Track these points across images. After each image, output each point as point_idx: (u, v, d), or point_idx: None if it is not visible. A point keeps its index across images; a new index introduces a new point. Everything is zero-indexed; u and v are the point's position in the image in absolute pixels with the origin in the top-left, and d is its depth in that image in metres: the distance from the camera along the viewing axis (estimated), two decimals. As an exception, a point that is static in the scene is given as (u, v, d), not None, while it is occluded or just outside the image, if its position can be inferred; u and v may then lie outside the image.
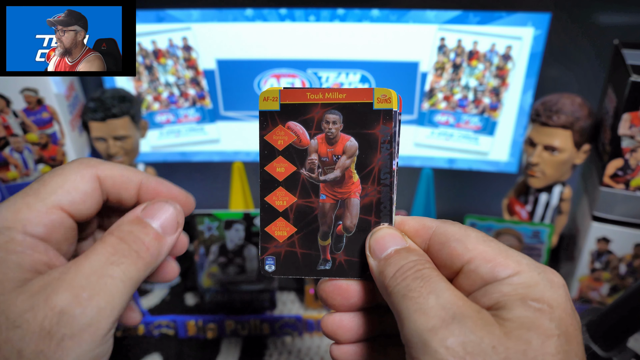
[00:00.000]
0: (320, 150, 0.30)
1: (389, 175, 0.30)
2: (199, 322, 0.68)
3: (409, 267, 0.26)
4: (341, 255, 0.31)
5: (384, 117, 0.29)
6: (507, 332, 0.23)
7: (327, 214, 0.31)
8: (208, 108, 0.75)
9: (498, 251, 0.26)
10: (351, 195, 0.30)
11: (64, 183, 0.26)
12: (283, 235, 0.31)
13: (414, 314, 0.24)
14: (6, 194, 0.66)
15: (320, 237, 0.31)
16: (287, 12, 0.67)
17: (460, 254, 0.26)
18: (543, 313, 0.24)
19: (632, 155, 0.60)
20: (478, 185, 0.88)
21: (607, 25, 0.72)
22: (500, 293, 0.25)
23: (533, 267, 0.25)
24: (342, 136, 0.30)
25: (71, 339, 0.22)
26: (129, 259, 0.25)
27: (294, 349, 0.68)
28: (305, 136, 0.30)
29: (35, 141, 0.64)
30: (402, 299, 0.25)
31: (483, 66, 0.68)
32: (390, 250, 0.28)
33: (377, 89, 0.29)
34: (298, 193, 0.31)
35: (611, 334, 0.48)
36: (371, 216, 0.30)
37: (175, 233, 0.29)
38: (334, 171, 0.30)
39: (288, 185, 0.31)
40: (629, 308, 0.46)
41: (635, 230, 0.64)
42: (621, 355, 0.48)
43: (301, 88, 0.30)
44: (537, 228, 0.67)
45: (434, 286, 0.25)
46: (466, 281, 0.26)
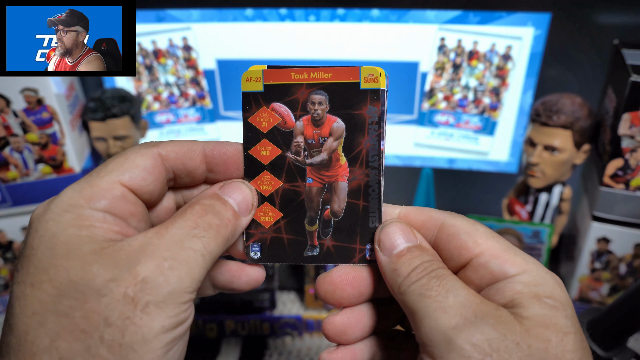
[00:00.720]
0: (306, 133, 0.29)
1: (377, 158, 0.29)
2: (199, 322, 0.68)
3: (424, 267, 0.26)
4: (329, 241, 0.30)
5: (372, 97, 0.29)
6: (527, 329, 0.23)
7: (314, 199, 0.30)
8: (208, 108, 0.75)
9: (506, 248, 0.26)
10: (339, 178, 0.30)
11: (124, 162, 0.26)
12: (269, 221, 0.30)
13: (434, 312, 0.24)
14: (6, 194, 0.66)
15: (307, 222, 0.30)
16: (287, 12, 0.67)
17: (469, 247, 0.26)
18: (558, 310, 0.24)
19: (632, 155, 0.60)
20: (478, 185, 0.88)
21: (607, 25, 0.72)
22: (514, 291, 0.25)
23: (539, 267, 0.26)
24: (329, 117, 0.29)
25: (155, 305, 0.23)
26: (210, 232, 0.26)
27: (294, 349, 0.68)
28: (290, 118, 0.29)
29: (35, 141, 0.64)
30: (419, 298, 0.25)
31: (483, 66, 0.68)
32: (402, 248, 0.27)
33: (364, 68, 0.28)
34: (284, 177, 0.30)
35: (611, 334, 0.48)
36: (359, 200, 0.29)
37: (249, 215, 0.29)
38: (320, 154, 0.30)
39: (273, 169, 0.30)
40: (629, 308, 0.46)
41: (635, 230, 0.64)
42: (621, 355, 0.48)
43: (285, 67, 0.29)
44: (537, 228, 0.67)
45: (451, 285, 0.25)
46: (474, 275, 0.26)
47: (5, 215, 0.68)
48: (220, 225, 0.26)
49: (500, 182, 0.81)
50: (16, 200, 0.67)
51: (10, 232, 0.69)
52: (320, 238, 0.30)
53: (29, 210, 0.68)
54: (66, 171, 0.67)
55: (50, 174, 0.67)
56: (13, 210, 0.68)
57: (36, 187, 0.67)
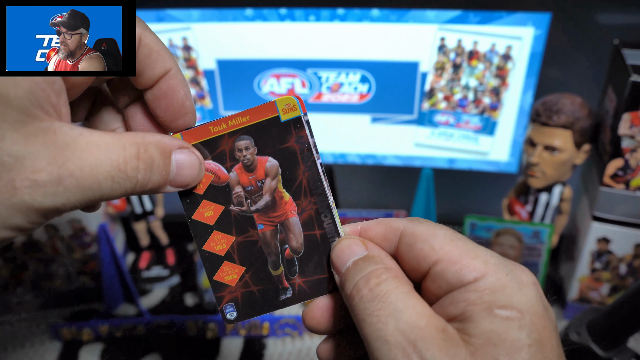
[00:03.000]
0: (242, 181, 0.29)
1: (319, 183, 0.29)
2: (199, 322, 0.68)
3: (364, 282, 0.25)
4: (298, 279, 0.30)
5: (295, 127, 0.28)
6: (474, 351, 0.22)
7: (271, 242, 0.29)
8: (208, 108, 0.75)
9: (465, 251, 0.25)
10: (288, 215, 0.29)
11: None
12: (234, 279, 0.30)
13: (375, 341, 0.23)
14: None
15: (271, 267, 0.30)
16: (287, 12, 0.67)
17: (426, 255, 0.25)
18: (512, 321, 0.22)
19: (632, 155, 0.60)
20: (478, 185, 0.88)
21: (607, 25, 0.72)
22: (467, 301, 0.23)
23: (501, 267, 0.24)
24: (260, 159, 0.29)
25: None
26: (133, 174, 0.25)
27: (294, 349, 0.68)
28: (222, 171, 0.29)
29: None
30: (362, 324, 0.24)
31: (483, 66, 0.68)
32: (349, 264, 0.27)
33: (279, 100, 0.28)
34: (234, 231, 0.29)
35: (611, 334, 0.48)
36: (315, 230, 0.29)
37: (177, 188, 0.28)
38: (263, 197, 0.29)
39: (222, 226, 0.29)
40: (629, 308, 0.46)
41: (635, 230, 0.64)
42: (621, 355, 0.48)
43: (202, 124, 0.28)
44: (537, 228, 0.67)
45: (393, 307, 0.23)
46: (432, 284, 0.25)
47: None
48: (139, 184, 0.25)
49: (500, 182, 0.81)
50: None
51: (10, 232, 0.69)
52: (289, 279, 0.30)
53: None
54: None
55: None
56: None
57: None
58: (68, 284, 0.75)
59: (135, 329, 0.69)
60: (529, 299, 0.23)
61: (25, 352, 0.70)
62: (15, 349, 0.70)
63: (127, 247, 0.86)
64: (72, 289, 0.76)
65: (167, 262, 0.82)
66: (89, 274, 0.75)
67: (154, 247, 0.83)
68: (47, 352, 0.69)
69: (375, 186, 0.92)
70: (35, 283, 0.74)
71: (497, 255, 0.25)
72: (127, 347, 0.69)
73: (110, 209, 0.77)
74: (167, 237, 0.83)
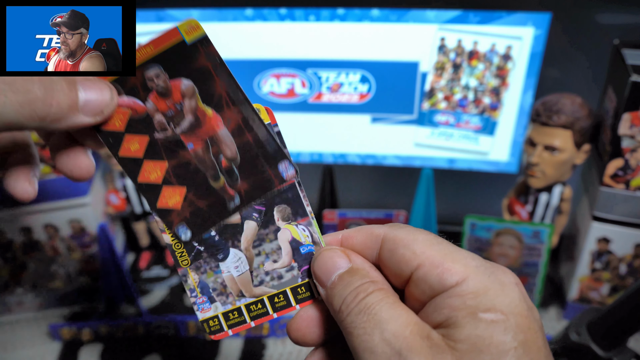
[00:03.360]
0: (161, 108, 0.29)
1: (238, 92, 0.29)
2: (199, 322, 0.68)
3: (352, 297, 0.25)
4: (243, 184, 0.30)
5: (202, 45, 0.28)
6: (460, 356, 0.22)
7: (205, 158, 0.29)
8: (208, 108, 0.75)
9: (446, 254, 0.25)
10: (215, 128, 0.29)
11: None
12: (178, 201, 0.30)
13: (363, 353, 0.23)
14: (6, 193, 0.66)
15: (213, 180, 0.30)
16: (287, 12, 0.67)
17: (408, 260, 0.25)
18: (496, 325, 0.22)
19: (632, 155, 0.60)
20: (478, 185, 0.88)
21: (607, 25, 0.72)
22: (450, 307, 0.23)
23: (482, 270, 0.24)
24: (173, 83, 0.28)
25: None
26: (18, 97, 0.23)
27: (294, 349, 0.68)
28: (137, 104, 0.29)
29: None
30: (350, 337, 0.24)
31: (483, 66, 0.68)
32: (334, 277, 0.27)
33: (180, 25, 0.28)
34: (165, 156, 0.29)
35: (611, 334, 0.48)
36: (245, 135, 0.29)
37: (93, 118, 0.27)
38: (185, 118, 0.29)
39: (151, 155, 0.29)
40: (629, 308, 0.46)
41: (635, 230, 0.64)
42: (621, 355, 0.48)
43: None
44: (537, 228, 0.67)
45: (379, 318, 0.24)
46: (416, 290, 0.25)
47: (5, 215, 0.68)
48: (39, 101, 0.24)
49: (500, 182, 0.81)
50: (16, 201, 0.67)
51: (10, 232, 0.69)
52: (234, 187, 0.30)
53: (28, 211, 0.68)
54: (66, 171, 0.67)
55: (50, 174, 0.67)
56: (13, 211, 0.68)
57: (36, 187, 0.67)
58: (68, 284, 0.75)
59: (135, 329, 0.69)
60: (512, 300, 0.23)
61: (25, 352, 0.70)
62: (15, 349, 0.70)
63: (127, 247, 0.86)
64: (72, 289, 0.76)
65: (167, 262, 0.82)
66: (89, 274, 0.75)
67: (154, 247, 0.83)
68: (46, 352, 0.69)
69: (375, 186, 0.92)
70: (35, 283, 0.74)
71: (478, 257, 0.25)
72: (127, 347, 0.69)
73: (110, 209, 0.77)
74: (167, 237, 0.83)
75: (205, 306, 0.31)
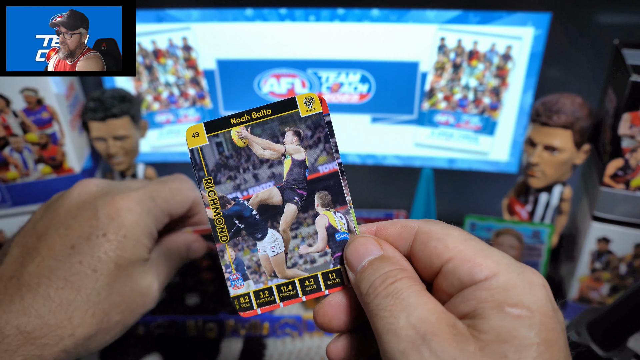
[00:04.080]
0: None
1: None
2: (199, 322, 0.68)
3: (380, 281, 0.25)
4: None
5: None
6: (483, 346, 0.22)
7: None
8: (208, 108, 0.75)
9: (478, 250, 0.25)
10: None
11: None
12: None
13: (386, 334, 0.24)
14: (6, 194, 0.66)
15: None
16: (287, 12, 0.67)
17: (439, 253, 0.26)
18: (522, 320, 0.23)
19: (633, 155, 0.60)
20: (478, 185, 0.88)
21: (607, 25, 0.72)
22: (478, 299, 0.24)
23: (512, 268, 0.24)
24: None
25: None
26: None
27: (294, 349, 0.68)
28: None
29: (35, 141, 0.64)
30: (375, 319, 0.25)
31: (483, 66, 0.68)
32: (364, 262, 0.27)
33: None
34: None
35: (611, 334, 0.48)
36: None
37: None
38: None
39: None
40: (629, 308, 0.46)
41: (635, 230, 0.64)
42: (621, 355, 0.48)
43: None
44: (537, 228, 0.67)
45: (406, 303, 0.24)
46: (445, 282, 0.26)
47: (5, 215, 0.68)
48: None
49: (500, 182, 0.81)
50: (16, 200, 0.67)
51: (10, 232, 0.69)
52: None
53: (28, 211, 0.68)
54: (66, 171, 0.67)
55: (50, 174, 0.67)
56: (13, 210, 0.68)
57: (36, 187, 0.67)
58: (68, 284, 0.75)
59: (136, 329, 0.69)
60: (539, 299, 0.24)
61: (25, 352, 0.69)
62: (15, 349, 0.70)
63: (127, 247, 0.85)
64: (72, 289, 0.76)
65: (167, 262, 0.82)
66: (89, 274, 0.75)
67: (154, 247, 0.83)
68: (47, 352, 0.69)
69: (375, 186, 0.92)
70: (35, 283, 0.74)
71: (509, 257, 0.26)
72: (127, 347, 0.69)
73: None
74: (167, 237, 0.83)
75: (238, 283, 0.31)
